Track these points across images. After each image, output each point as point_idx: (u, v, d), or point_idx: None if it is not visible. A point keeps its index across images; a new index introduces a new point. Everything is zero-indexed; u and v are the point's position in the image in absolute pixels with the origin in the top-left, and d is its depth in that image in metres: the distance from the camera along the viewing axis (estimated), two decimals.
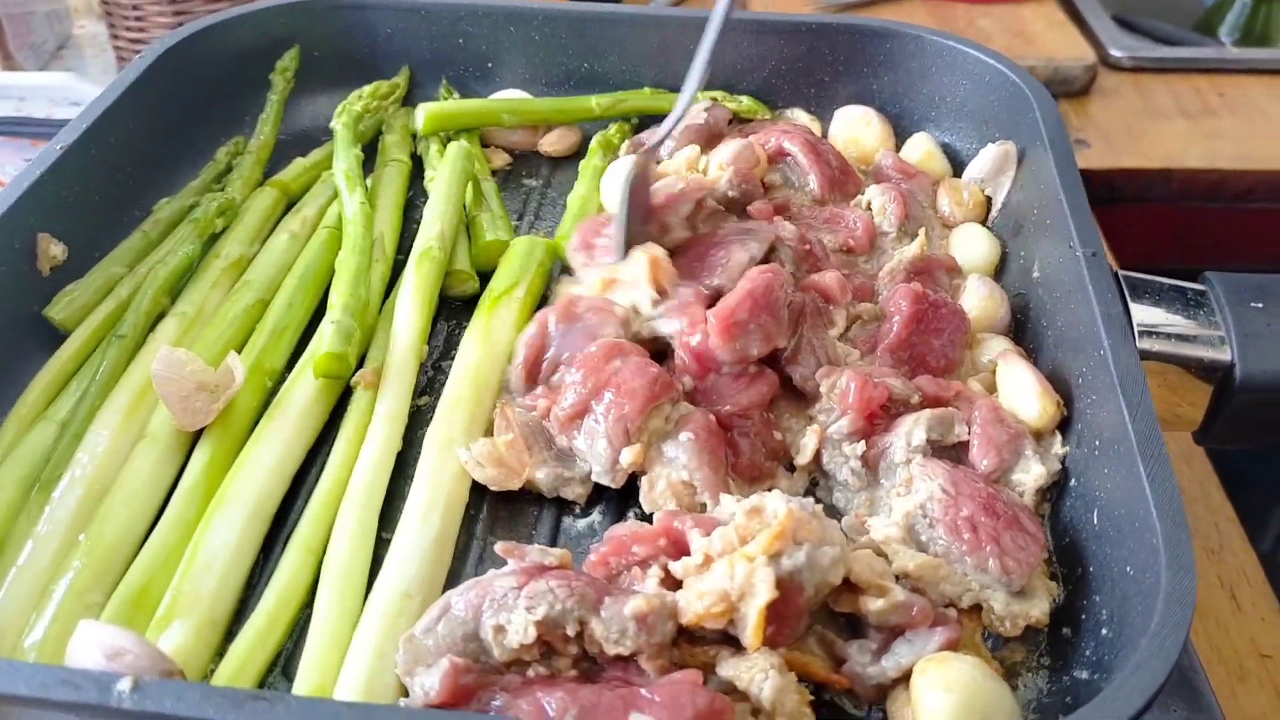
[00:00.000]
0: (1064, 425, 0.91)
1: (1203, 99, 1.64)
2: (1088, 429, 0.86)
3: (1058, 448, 0.89)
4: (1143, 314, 0.92)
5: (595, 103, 1.31)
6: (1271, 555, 1.49)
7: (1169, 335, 0.92)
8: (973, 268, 1.10)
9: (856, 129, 1.27)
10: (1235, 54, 1.75)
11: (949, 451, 0.89)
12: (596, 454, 0.88)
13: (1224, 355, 0.92)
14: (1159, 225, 1.54)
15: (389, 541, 0.84)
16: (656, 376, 0.89)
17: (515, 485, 0.89)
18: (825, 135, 1.28)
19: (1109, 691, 0.63)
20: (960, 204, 1.17)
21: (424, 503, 0.85)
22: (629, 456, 0.87)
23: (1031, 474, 0.87)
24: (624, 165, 1.14)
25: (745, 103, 1.30)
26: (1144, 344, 0.91)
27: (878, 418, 0.90)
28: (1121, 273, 0.94)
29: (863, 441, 0.89)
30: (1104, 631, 0.76)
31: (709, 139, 1.23)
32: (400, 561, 0.81)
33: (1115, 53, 1.70)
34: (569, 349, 0.95)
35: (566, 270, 1.11)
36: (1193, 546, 0.71)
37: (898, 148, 1.27)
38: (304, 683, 0.74)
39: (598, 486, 0.91)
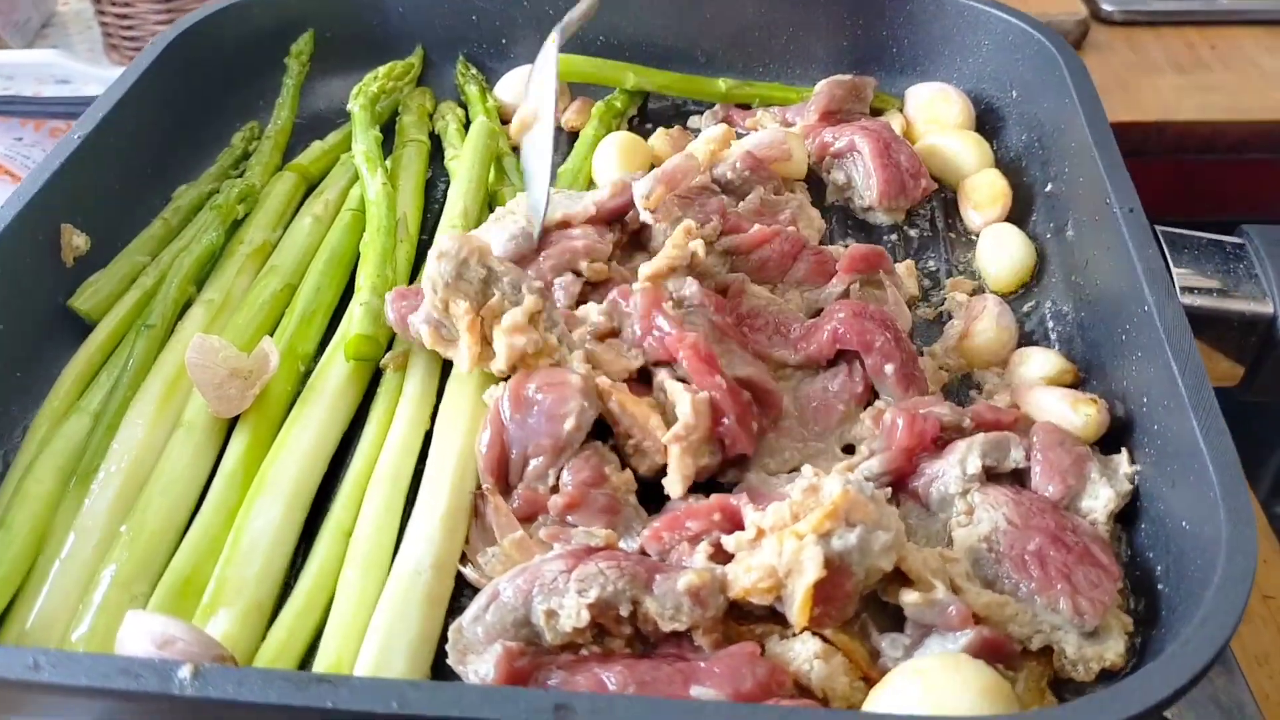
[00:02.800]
0: (1123, 430, 0.87)
1: (1194, 51, 1.62)
2: (1134, 386, 0.86)
3: (1125, 466, 0.83)
4: (1183, 269, 0.92)
5: (722, 83, 1.29)
6: (1267, 503, 1.49)
7: (1209, 290, 0.91)
8: (1009, 273, 1.06)
9: (937, 108, 1.22)
10: (1226, 5, 1.73)
11: (1005, 478, 0.84)
12: None
13: (1266, 308, 0.92)
14: (1154, 179, 1.51)
15: None
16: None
17: None
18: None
19: (1176, 647, 0.63)
20: (983, 205, 1.12)
21: (432, 482, 0.85)
22: None
23: (1101, 499, 0.81)
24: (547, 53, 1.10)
25: None
26: (1185, 299, 0.90)
27: (926, 451, 0.85)
28: (1159, 228, 0.94)
29: (890, 488, 0.83)
30: (1160, 587, 0.75)
31: (826, 114, 1.21)
32: (412, 539, 0.81)
33: (1107, 6, 1.68)
34: (532, 439, 0.84)
35: None
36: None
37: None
38: (323, 660, 0.74)
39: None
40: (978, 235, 1.11)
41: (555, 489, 0.84)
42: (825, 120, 1.20)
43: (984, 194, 1.12)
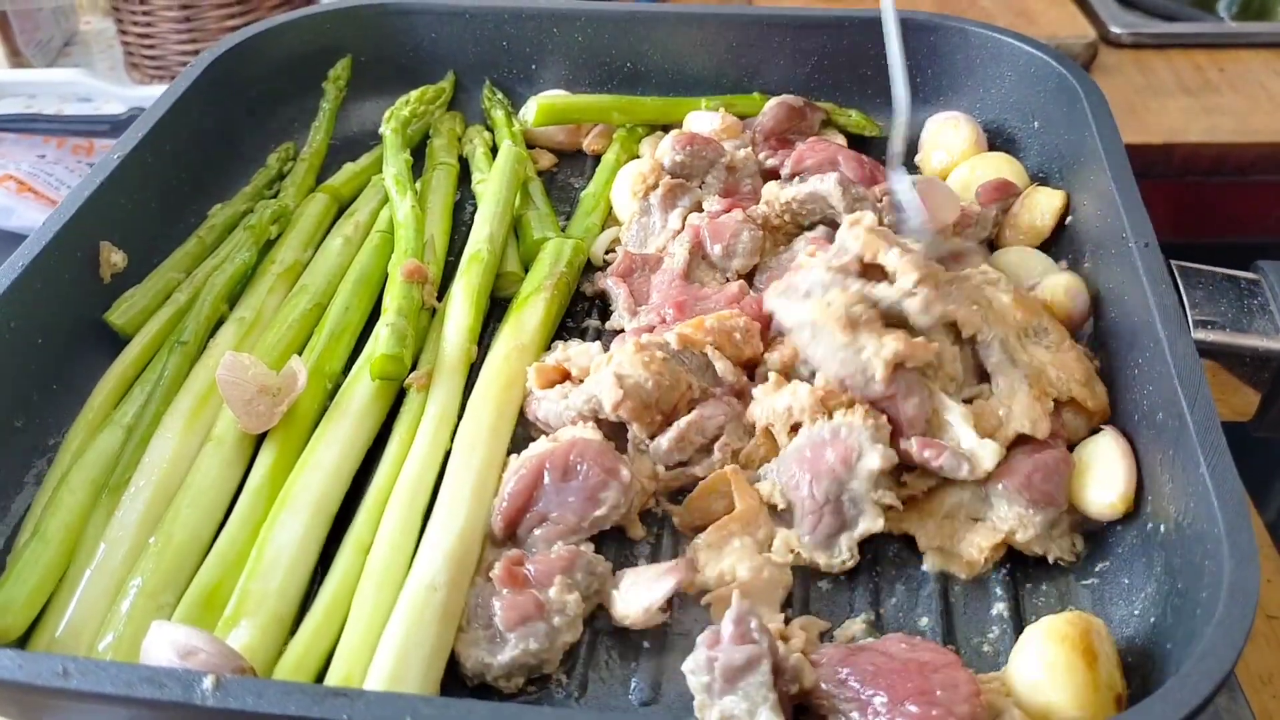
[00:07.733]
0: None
1: (1203, 74, 1.63)
2: (1145, 420, 0.86)
3: (1068, 553, 0.85)
4: (1197, 304, 0.92)
5: (705, 104, 1.29)
6: (1274, 526, 1.48)
7: (1223, 325, 0.92)
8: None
9: (945, 135, 1.23)
10: (1234, 28, 1.74)
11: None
12: None
13: (1279, 344, 0.92)
14: (1161, 201, 1.52)
15: None
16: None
17: None
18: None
19: (1176, 679, 0.63)
20: (1025, 230, 1.12)
21: (450, 498, 0.86)
22: None
23: (1020, 533, 0.84)
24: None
25: (854, 117, 1.30)
26: (1198, 334, 0.91)
27: None
28: (1174, 263, 0.94)
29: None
30: (1165, 620, 0.76)
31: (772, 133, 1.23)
32: (427, 556, 0.82)
33: (1116, 29, 1.69)
34: (559, 508, 0.86)
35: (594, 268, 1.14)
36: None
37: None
38: (334, 675, 0.76)
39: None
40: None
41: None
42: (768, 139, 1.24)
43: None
